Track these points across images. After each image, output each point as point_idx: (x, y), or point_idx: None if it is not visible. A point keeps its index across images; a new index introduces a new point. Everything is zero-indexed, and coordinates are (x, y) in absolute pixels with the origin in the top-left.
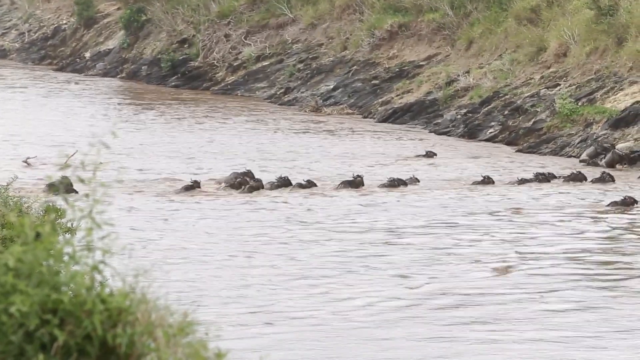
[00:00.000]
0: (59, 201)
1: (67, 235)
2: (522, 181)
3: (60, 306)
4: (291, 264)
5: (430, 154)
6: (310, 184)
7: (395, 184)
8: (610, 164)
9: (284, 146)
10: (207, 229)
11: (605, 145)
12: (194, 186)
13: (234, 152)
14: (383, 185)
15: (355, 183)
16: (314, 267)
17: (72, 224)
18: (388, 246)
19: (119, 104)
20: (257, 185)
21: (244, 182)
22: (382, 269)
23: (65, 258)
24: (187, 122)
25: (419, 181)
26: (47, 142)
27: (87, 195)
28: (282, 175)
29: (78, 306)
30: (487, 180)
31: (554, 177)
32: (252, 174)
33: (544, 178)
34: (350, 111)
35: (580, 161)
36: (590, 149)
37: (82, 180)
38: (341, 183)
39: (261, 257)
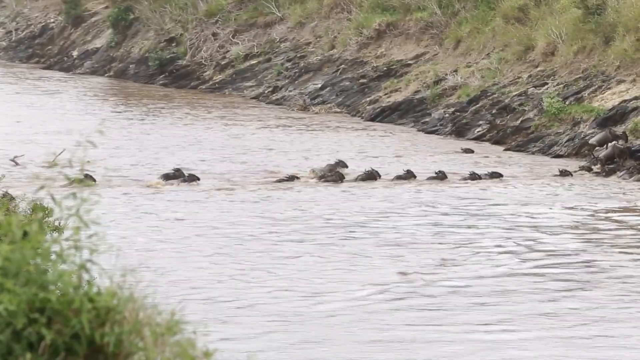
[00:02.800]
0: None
1: (55, 234)
2: (588, 169)
3: (48, 305)
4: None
5: (468, 151)
6: (409, 175)
7: (475, 177)
8: (610, 158)
9: (300, 143)
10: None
11: (618, 133)
12: (293, 177)
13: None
14: (463, 178)
15: (440, 177)
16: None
17: (59, 223)
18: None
19: (105, 102)
20: (335, 178)
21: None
22: None
23: (53, 257)
24: (178, 120)
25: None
26: (34, 140)
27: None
28: (370, 168)
29: (66, 305)
30: (565, 173)
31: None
32: (346, 165)
33: (612, 170)
34: (338, 110)
35: (589, 144)
36: (601, 135)
37: (69, 178)
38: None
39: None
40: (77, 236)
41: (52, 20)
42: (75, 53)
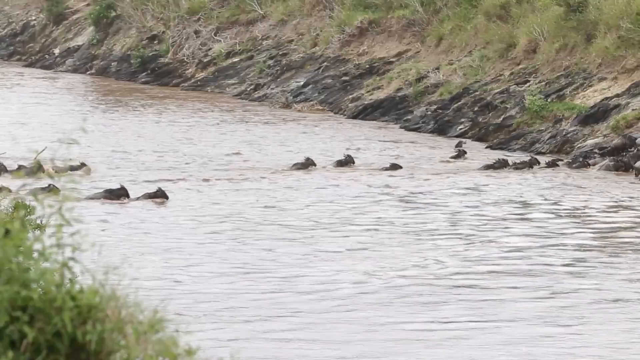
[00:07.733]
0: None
1: (37, 232)
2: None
3: (30, 303)
4: None
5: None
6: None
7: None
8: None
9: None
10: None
11: None
12: (501, 165)
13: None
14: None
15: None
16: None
17: (41, 221)
18: None
19: (87, 100)
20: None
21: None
22: None
23: (35, 255)
24: (171, 117)
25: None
26: (15, 138)
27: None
28: (501, 158)
29: (48, 303)
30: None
31: None
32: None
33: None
34: (320, 107)
35: None
36: None
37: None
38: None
39: None
40: (59, 234)
41: (33, 17)
42: (56, 51)
